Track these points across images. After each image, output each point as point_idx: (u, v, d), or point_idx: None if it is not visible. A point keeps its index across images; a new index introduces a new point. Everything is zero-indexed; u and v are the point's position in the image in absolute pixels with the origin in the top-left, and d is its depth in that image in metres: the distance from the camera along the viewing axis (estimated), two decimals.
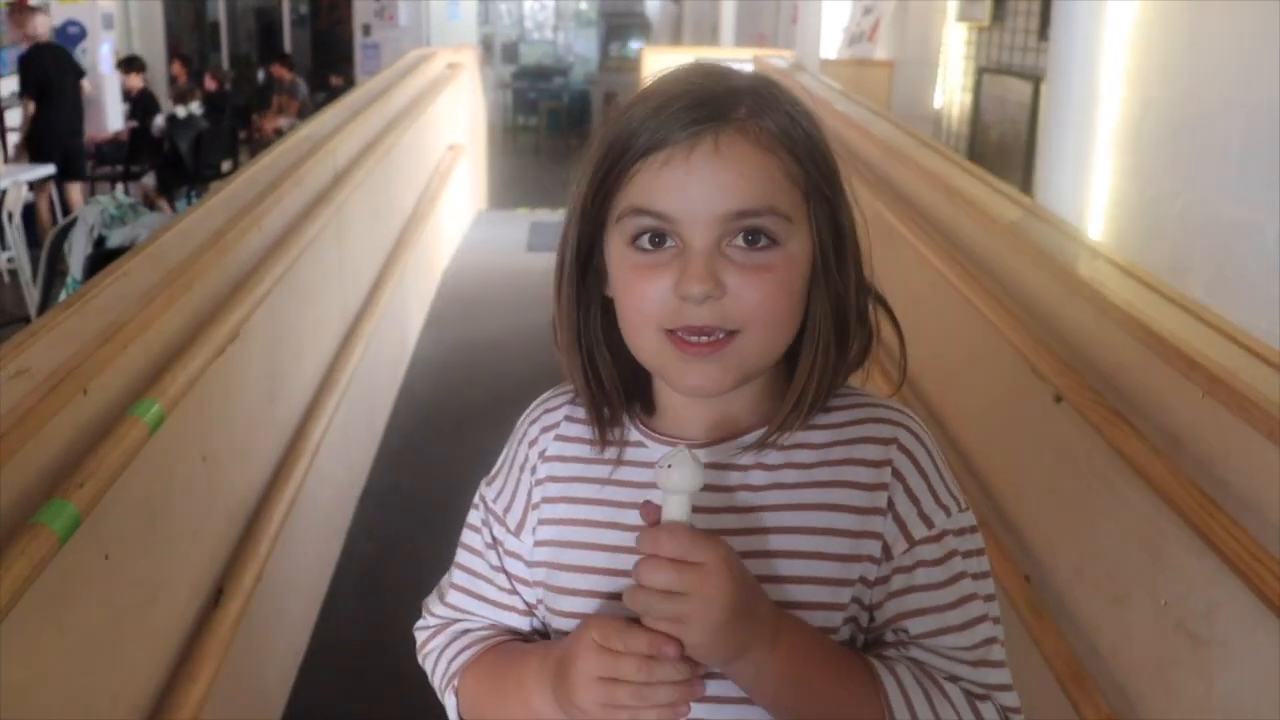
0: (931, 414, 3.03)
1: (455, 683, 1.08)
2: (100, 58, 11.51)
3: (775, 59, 7.05)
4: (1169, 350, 1.90)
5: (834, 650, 0.96)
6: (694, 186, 0.91)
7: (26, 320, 5.42)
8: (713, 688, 0.93)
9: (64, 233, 4.99)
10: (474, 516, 1.11)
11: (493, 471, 1.11)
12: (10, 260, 6.93)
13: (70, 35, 11.42)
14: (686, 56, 8.18)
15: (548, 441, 1.07)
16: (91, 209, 4.92)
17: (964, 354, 2.91)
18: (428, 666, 1.12)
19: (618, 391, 1.02)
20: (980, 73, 6.12)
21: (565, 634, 0.99)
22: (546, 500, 1.05)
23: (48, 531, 1.46)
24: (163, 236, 2.47)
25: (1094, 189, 3.98)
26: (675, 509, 0.88)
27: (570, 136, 15.23)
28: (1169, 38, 3.90)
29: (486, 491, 1.11)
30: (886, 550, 0.97)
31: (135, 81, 10.04)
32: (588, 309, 1.01)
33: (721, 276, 0.92)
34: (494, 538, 1.09)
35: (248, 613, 2.24)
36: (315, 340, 3.26)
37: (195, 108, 9.85)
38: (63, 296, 4.75)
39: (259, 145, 10.82)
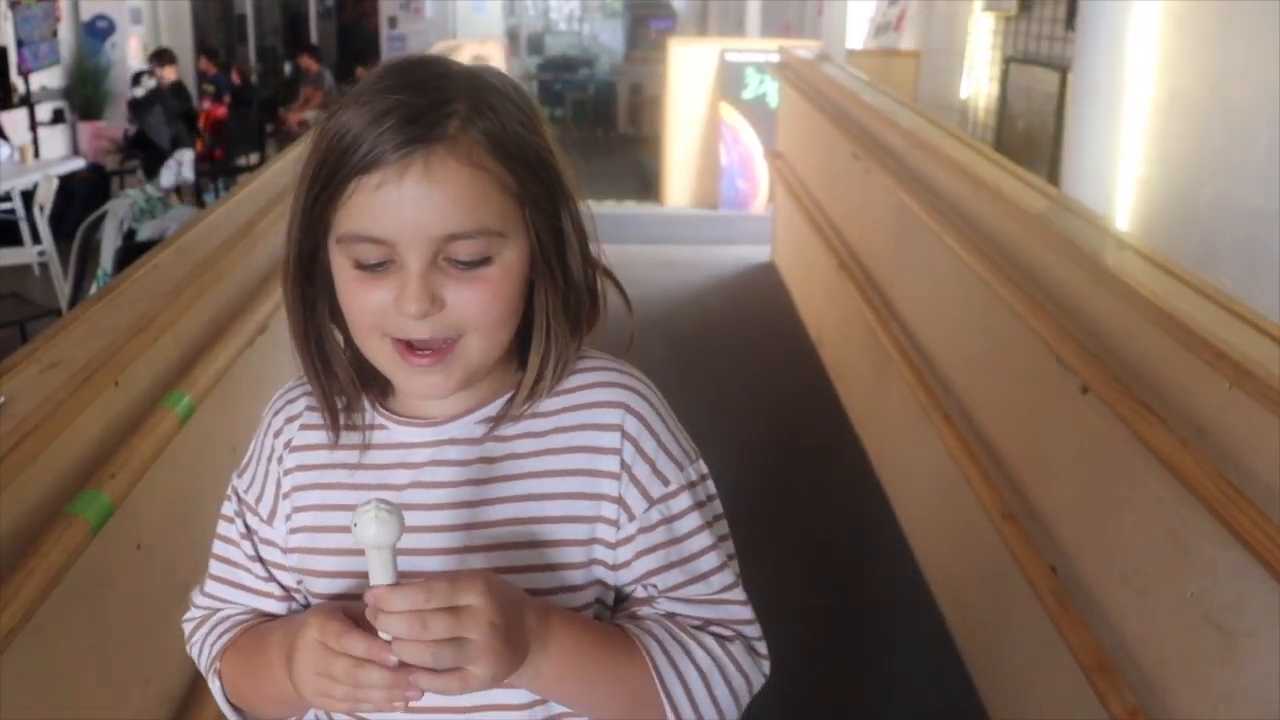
0: (957, 404, 3.02)
1: (217, 665, 1.11)
2: (129, 52, 11.59)
3: (801, 50, 7.04)
4: (1196, 341, 1.90)
5: (598, 630, 1.02)
6: (406, 211, 0.92)
7: (58, 313, 5.47)
8: None
9: (94, 226, 5.04)
10: (227, 508, 1.14)
11: (242, 463, 1.14)
12: (41, 254, 6.99)
13: (99, 30, 11.50)
14: (712, 48, 8.11)
15: (293, 431, 1.10)
16: (121, 202, 4.97)
17: (990, 345, 2.91)
18: (194, 654, 1.15)
19: (352, 381, 1.05)
20: (1007, 63, 6.08)
21: None
22: (297, 488, 1.08)
23: (81, 521, 1.48)
24: (192, 229, 2.50)
25: (1121, 179, 3.96)
26: (380, 566, 0.88)
27: (596, 128, 15.23)
28: (1198, 26, 3.87)
29: (238, 483, 1.13)
30: (627, 511, 1.02)
31: (168, 74, 10.11)
32: (314, 305, 1.03)
33: (439, 291, 0.94)
34: (248, 527, 1.12)
35: None
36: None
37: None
38: (94, 289, 4.79)
39: (285, 138, 10.86)
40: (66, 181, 7.83)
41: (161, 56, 10.35)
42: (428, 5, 13.28)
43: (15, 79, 9.68)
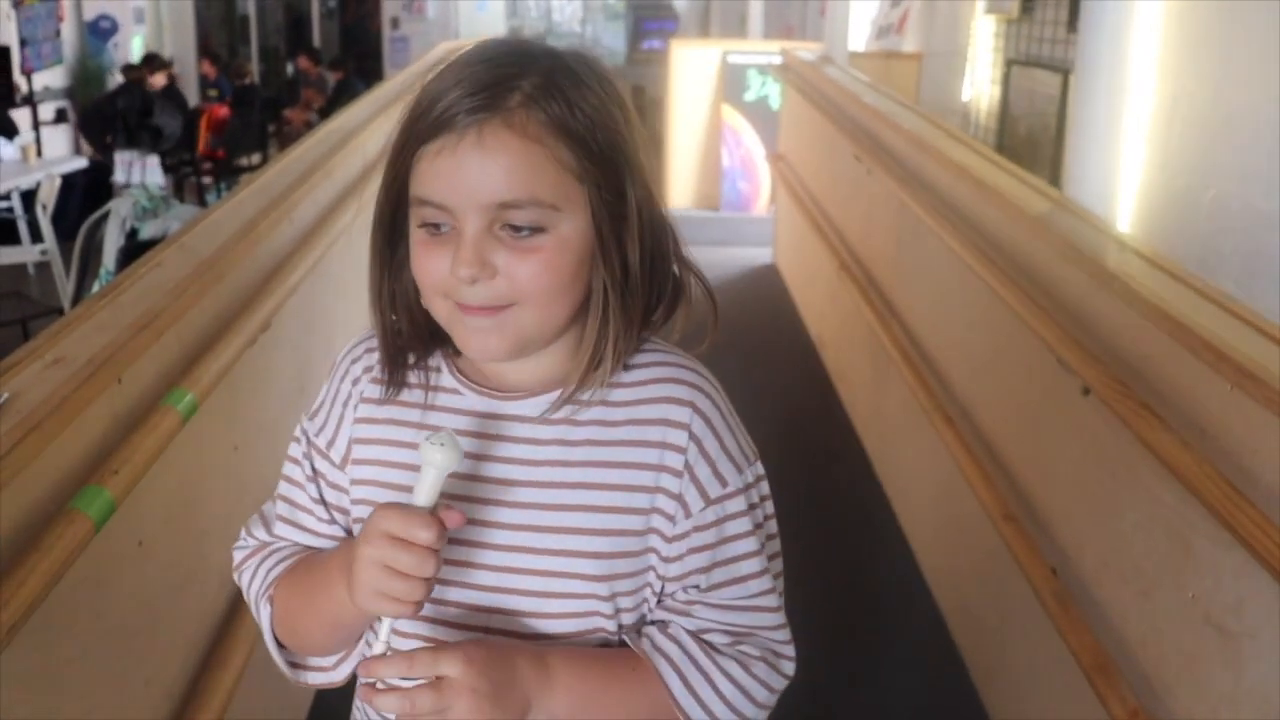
0: (959, 405, 3.03)
1: (270, 592, 1.13)
2: (131, 52, 11.60)
3: (803, 51, 7.04)
4: (1197, 343, 1.90)
5: (604, 659, 1.06)
6: (461, 178, 0.96)
7: (60, 311, 5.47)
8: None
9: (97, 225, 5.04)
10: (295, 450, 1.16)
11: (314, 406, 1.16)
12: (43, 252, 6.99)
13: (102, 29, 11.51)
14: (714, 50, 8.10)
15: (366, 382, 1.12)
16: (124, 202, 4.98)
17: (992, 346, 2.91)
18: (244, 582, 1.17)
19: (421, 341, 1.09)
20: (1009, 65, 6.08)
21: None
22: (362, 440, 1.11)
23: (83, 518, 1.49)
24: (195, 228, 2.50)
25: (1123, 182, 3.96)
26: (429, 486, 0.96)
27: None
28: (1200, 29, 3.87)
29: (309, 426, 1.15)
30: (685, 508, 1.06)
31: (158, 80, 10.09)
32: (398, 267, 1.06)
33: (491, 258, 0.98)
34: (315, 470, 1.14)
35: None
36: (345, 330, 3.28)
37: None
38: (96, 288, 4.80)
39: (288, 139, 10.87)
40: (68, 180, 7.83)
41: (151, 62, 10.29)
42: (430, 6, 13.28)
43: (18, 78, 9.68)
